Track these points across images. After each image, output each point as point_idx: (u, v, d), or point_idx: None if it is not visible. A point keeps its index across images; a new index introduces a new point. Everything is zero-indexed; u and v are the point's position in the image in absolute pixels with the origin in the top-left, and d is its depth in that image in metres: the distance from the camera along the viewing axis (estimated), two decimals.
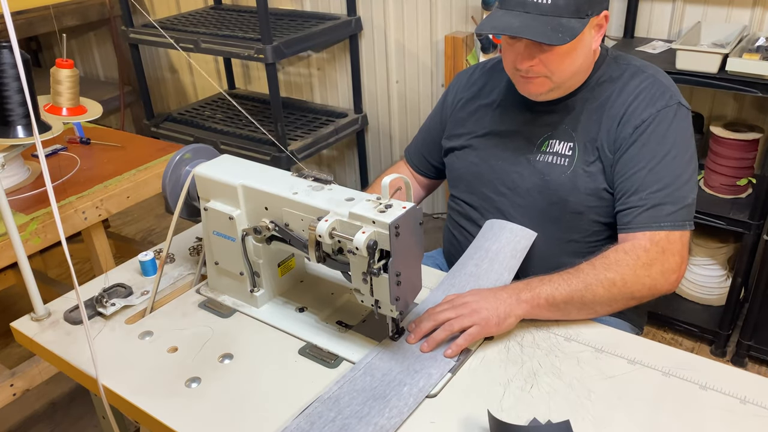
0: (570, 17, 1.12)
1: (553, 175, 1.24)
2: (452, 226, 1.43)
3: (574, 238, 1.27)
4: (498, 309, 1.07)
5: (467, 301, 1.09)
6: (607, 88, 1.24)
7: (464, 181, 1.38)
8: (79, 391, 2.15)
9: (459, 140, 1.39)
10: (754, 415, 0.93)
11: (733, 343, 2.18)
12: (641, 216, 1.16)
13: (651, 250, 1.13)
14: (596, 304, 1.11)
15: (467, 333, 1.06)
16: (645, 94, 1.21)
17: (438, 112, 1.49)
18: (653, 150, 1.17)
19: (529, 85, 1.22)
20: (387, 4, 2.79)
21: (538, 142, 1.28)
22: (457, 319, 1.07)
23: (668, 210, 1.15)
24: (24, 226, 1.55)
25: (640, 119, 1.19)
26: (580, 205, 1.24)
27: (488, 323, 1.06)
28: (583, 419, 0.94)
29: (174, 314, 1.21)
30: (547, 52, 1.15)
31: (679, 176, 1.17)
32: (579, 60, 1.19)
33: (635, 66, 1.26)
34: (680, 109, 1.21)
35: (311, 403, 0.96)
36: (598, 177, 1.22)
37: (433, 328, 1.08)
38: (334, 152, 3.34)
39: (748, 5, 2.04)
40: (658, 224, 1.14)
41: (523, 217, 1.29)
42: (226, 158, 1.21)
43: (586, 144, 1.23)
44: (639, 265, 1.11)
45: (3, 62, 1.47)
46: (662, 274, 1.12)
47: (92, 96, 1.88)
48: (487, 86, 1.39)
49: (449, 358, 1.04)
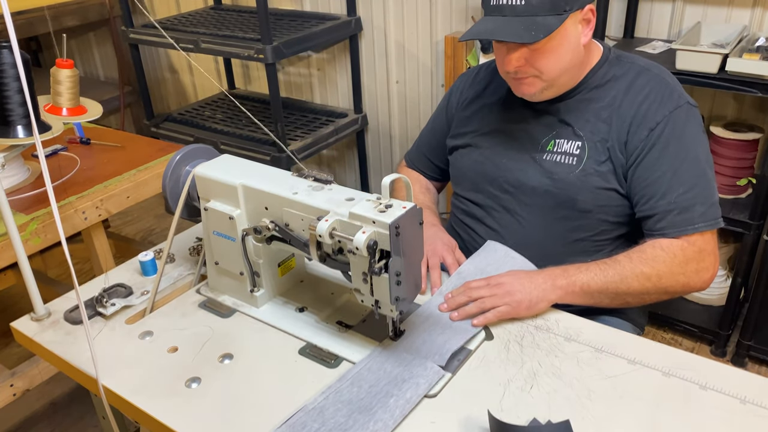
0: (546, 15, 1.13)
1: (561, 174, 1.24)
2: (456, 224, 1.43)
3: (580, 237, 1.27)
4: (531, 293, 1.12)
5: (503, 281, 1.14)
6: (612, 87, 1.24)
7: (469, 179, 1.38)
8: (79, 391, 2.15)
9: (464, 138, 1.39)
10: (754, 415, 0.93)
11: (733, 343, 2.18)
12: (675, 220, 1.16)
13: (688, 249, 1.16)
14: (629, 295, 1.15)
15: (497, 310, 1.11)
16: (654, 95, 1.21)
17: (443, 112, 1.49)
18: (674, 152, 1.18)
19: (521, 86, 1.23)
20: (387, 4, 2.78)
21: (543, 141, 1.28)
22: (491, 297, 1.12)
23: (699, 210, 1.16)
24: (24, 226, 1.55)
25: (654, 121, 1.19)
26: (589, 203, 1.24)
27: (519, 305, 1.12)
28: (583, 419, 0.94)
29: (174, 314, 1.21)
30: (532, 52, 1.16)
31: (702, 175, 1.18)
32: (567, 56, 1.19)
33: (639, 65, 1.26)
34: (691, 109, 1.21)
35: (295, 413, 0.95)
36: (608, 177, 1.22)
37: (467, 302, 1.14)
38: (334, 152, 3.34)
39: (748, 5, 2.04)
40: (693, 226, 1.16)
41: (529, 215, 1.29)
42: (226, 158, 1.21)
43: (597, 144, 1.23)
44: (676, 263, 1.14)
45: (3, 62, 1.47)
46: (697, 273, 1.16)
47: (92, 96, 1.88)
48: (492, 85, 1.39)
49: (438, 364, 1.03)
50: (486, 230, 1.35)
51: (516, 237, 1.30)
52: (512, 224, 1.31)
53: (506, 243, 1.31)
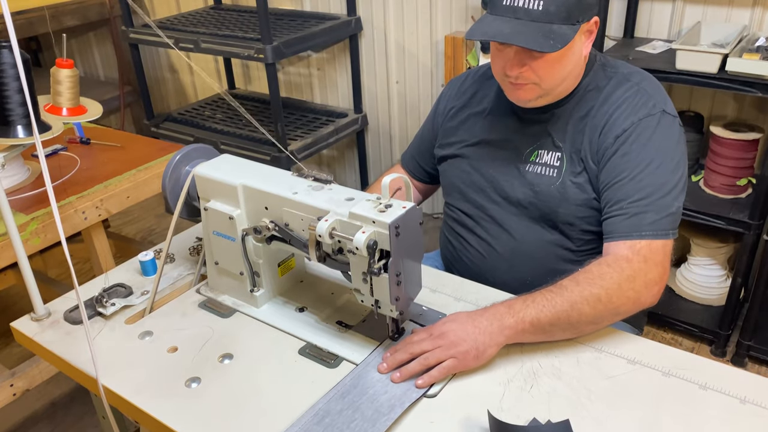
0: (561, 24, 1.11)
1: (542, 186, 1.24)
2: (448, 231, 1.43)
3: (567, 246, 1.26)
4: (477, 340, 1.01)
5: (445, 330, 1.03)
6: (591, 97, 1.23)
7: (457, 189, 1.37)
8: (79, 391, 2.15)
9: (451, 149, 1.39)
10: (754, 415, 0.93)
11: (733, 343, 2.18)
12: (622, 224, 1.13)
13: (633, 260, 1.09)
14: (582, 323, 1.06)
15: (443, 366, 1.00)
16: (627, 104, 1.19)
17: (430, 120, 1.49)
18: (635, 159, 1.15)
19: (518, 91, 1.20)
20: (387, 4, 2.78)
21: (527, 152, 1.27)
22: (434, 351, 1.01)
23: (650, 219, 1.12)
24: (24, 226, 1.55)
25: (621, 128, 1.17)
26: (570, 216, 1.23)
27: (467, 357, 1.01)
28: (583, 419, 0.94)
29: (174, 314, 1.21)
30: (537, 59, 1.14)
31: (662, 185, 1.14)
32: (569, 67, 1.17)
33: (622, 74, 1.24)
34: (664, 117, 1.18)
35: None
36: (586, 187, 1.21)
37: (408, 359, 1.02)
38: (334, 152, 3.34)
39: (748, 5, 2.04)
40: (639, 233, 1.11)
41: (517, 225, 1.29)
42: (226, 158, 1.21)
43: (572, 155, 1.22)
44: (623, 278, 1.07)
45: (3, 62, 1.47)
46: (645, 286, 1.08)
47: (92, 96, 1.88)
48: (478, 94, 1.38)
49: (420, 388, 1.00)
50: (477, 240, 1.34)
51: (506, 247, 1.30)
52: (502, 234, 1.30)
53: (498, 253, 1.31)
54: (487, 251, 1.33)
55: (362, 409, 0.95)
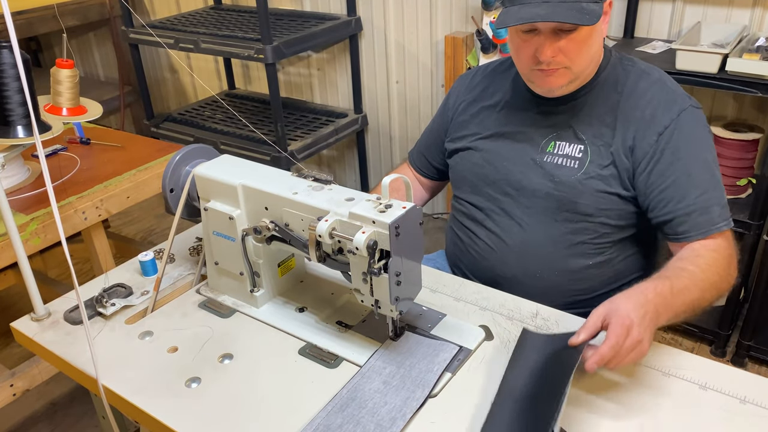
0: (588, 1, 1.13)
1: (563, 176, 1.24)
2: (456, 227, 1.43)
3: (582, 239, 1.26)
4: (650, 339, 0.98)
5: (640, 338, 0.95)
6: (614, 90, 1.24)
7: (468, 182, 1.38)
8: (79, 391, 2.15)
9: (463, 142, 1.39)
10: (754, 415, 0.93)
11: (733, 343, 2.18)
12: (698, 221, 1.16)
13: (729, 247, 1.16)
14: (699, 310, 1.10)
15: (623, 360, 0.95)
16: (658, 99, 1.21)
17: (440, 115, 1.49)
18: (686, 156, 1.18)
19: (549, 77, 1.20)
20: (387, 4, 2.79)
21: (543, 143, 1.28)
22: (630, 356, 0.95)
23: (717, 211, 1.16)
24: (24, 226, 1.55)
25: (661, 125, 1.19)
26: (590, 207, 1.23)
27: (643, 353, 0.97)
28: (582, 420, 0.93)
29: (174, 314, 1.21)
30: (569, 41, 1.15)
31: (713, 176, 1.19)
32: (595, 46, 1.19)
33: (640, 69, 1.26)
34: (696, 111, 1.22)
35: None
36: (611, 181, 1.22)
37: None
38: (334, 152, 3.34)
39: (748, 5, 2.04)
40: (715, 226, 1.16)
41: (529, 218, 1.29)
42: (226, 158, 1.22)
43: (600, 148, 1.23)
44: (730, 263, 1.14)
45: (3, 62, 1.47)
46: (735, 271, 1.16)
47: (92, 96, 1.88)
48: (490, 88, 1.39)
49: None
50: (486, 233, 1.34)
51: (516, 240, 1.30)
52: (512, 227, 1.31)
53: (507, 246, 1.31)
54: (497, 244, 1.32)
55: (363, 423, 0.94)
